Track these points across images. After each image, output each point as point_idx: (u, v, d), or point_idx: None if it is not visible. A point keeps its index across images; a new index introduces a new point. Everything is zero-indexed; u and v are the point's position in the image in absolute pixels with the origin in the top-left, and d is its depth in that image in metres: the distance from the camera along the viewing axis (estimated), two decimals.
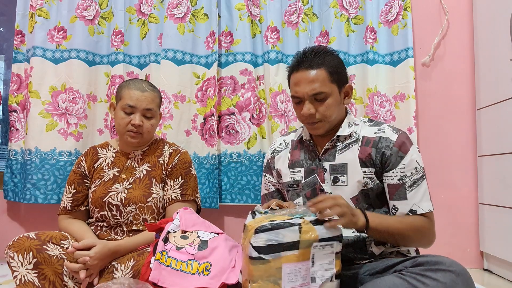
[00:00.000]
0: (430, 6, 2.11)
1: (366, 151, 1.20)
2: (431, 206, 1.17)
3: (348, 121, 1.27)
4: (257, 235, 0.95)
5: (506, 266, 1.82)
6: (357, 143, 1.23)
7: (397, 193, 1.17)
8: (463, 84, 2.07)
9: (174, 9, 2.04)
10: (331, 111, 1.21)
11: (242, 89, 2.06)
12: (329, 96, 1.20)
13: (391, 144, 1.18)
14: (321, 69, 1.19)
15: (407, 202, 1.15)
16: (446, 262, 0.96)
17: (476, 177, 2.03)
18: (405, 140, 1.19)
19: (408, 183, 1.16)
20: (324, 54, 1.22)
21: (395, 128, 1.23)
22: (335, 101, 1.22)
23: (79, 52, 2.03)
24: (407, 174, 1.16)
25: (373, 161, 1.19)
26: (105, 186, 1.46)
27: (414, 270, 0.97)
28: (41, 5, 2.00)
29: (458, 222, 2.03)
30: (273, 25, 2.06)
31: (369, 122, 1.29)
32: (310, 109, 1.20)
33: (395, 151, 1.17)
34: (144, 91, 1.46)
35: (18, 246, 1.22)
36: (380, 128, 1.23)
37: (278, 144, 1.42)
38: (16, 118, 2.04)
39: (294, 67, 1.25)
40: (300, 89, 1.21)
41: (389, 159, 1.17)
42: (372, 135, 1.22)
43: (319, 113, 1.20)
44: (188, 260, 1.11)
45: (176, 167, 1.50)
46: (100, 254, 1.25)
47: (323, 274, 0.98)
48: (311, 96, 1.20)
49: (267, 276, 0.95)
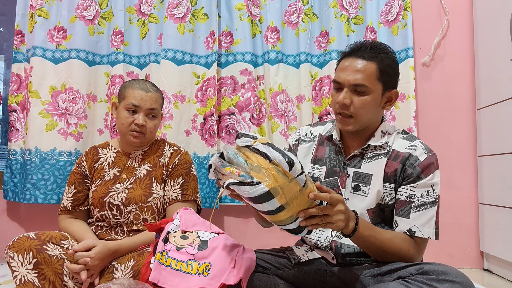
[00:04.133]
0: (430, 6, 2.11)
1: (393, 166, 1.15)
2: (432, 234, 1.12)
3: (382, 130, 1.20)
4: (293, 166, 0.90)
5: (506, 266, 1.82)
6: (387, 156, 1.17)
7: (401, 209, 1.13)
8: (463, 84, 2.08)
9: (174, 9, 2.04)
10: (367, 110, 1.14)
11: (242, 89, 2.06)
12: (370, 92, 1.13)
13: (416, 163, 1.13)
14: (372, 63, 1.13)
15: (408, 221, 1.12)
16: (453, 273, 0.95)
17: (476, 177, 2.03)
18: (431, 163, 1.14)
19: (416, 203, 1.12)
20: (381, 50, 1.15)
21: (427, 148, 1.17)
22: (374, 100, 1.14)
23: (79, 52, 2.03)
24: (416, 194, 1.13)
25: (397, 178, 1.15)
26: (106, 186, 1.46)
27: (420, 279, 0.95)
28: (41, 5, 2.00)
29: (458, 222, 2.03)
30: (273, 25, 2.06)
31: (403, 134, 1.22)
32: (346, 99, 1.13)
33: (418, 172, 1.13)
34: (148, 91, 1.46)
35: (18, 246, 1.22)
36: (413, 145, 1.17)
37: (304, 134, 1.33)
38: (16, 118, 2.04)
39: (346, 53, 1.18)
40: (343, 75, 1.14)
41: (408, 176, 1.14)
42: (403, 150, 1.17)
43: (354, 106, 1.13)
44: (188, 261, 1.11)
45: (176, 167, 1.50)
46: (100, 255, 1.25)
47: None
48: (351, 86, 1.13)
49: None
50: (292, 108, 2.04)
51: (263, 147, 0.92)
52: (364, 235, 1.05)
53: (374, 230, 1.09)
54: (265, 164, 0.91)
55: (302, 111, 2.03)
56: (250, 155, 0.94)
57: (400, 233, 1.12)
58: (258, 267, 1.19)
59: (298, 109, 2.04)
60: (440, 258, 1.98)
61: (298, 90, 2.05)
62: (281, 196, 0.91)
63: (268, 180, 0.90)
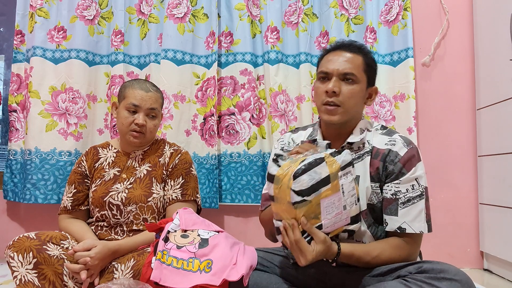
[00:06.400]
0: (430, 6, 2.11)
1: (375, 165, 1.15)
2: (424, 227, 1.11)
3: (361, 127, 1.20)
4: (297, 179, 0.99)
5: (506, 266, 1.82)
6: (369, 154, 1.17)
7: (389, 207, 1.13)
8: (463, 84, 2.08)
9: (174, 9, 2.04)
10: (354, 99, 1.15)
11: (242, 89, 2.06)
12: (357, 82, 1.15)
13: (396, 159, 1.12)
14: (359, 55, 1.17)
15: (397, 219, 1.11)
16: (452, 270, 0.96)
17: (476, 177, 2.03)
18: (412, 157, 1.12)
19: (402, 200, 1.11)
20: (364, 48, 1.20)
21: (407, 141, 1.16)
22: (361, 91, 1.16)
23: (79, 52, 2.03)
24: (401, 190, 1.11)
25: (380, 176, 1.15)
26: (106, 185, 1.46)
27: (419, 277, 0.96)
28: (41, 5, 2.00)
29: (458, 222, 2.03)
30: (273, 25, 2.06)
31: (381, 129, 1.22)
32: (335, 87, 1.13)
33: (399, 167, 1.12)
34: (148, 91, 1.47)
35: (18, 246, 1.22)
36: (392, 139, 1.16)
37: (287, 143, 1.33)
38: (16, 118, 2.04)
39: (331, 48, 1.21)
40: (332, 65, 1.15)
41: (390, 173, 1.13)
42: (383, 146, 1.16)
43: (342, 95, 1.13)
44: (189, 258, 1.11)
45: (176, 167, 1.50)
46: (100, 254, 1.25)
47: (351, 201, 1.06)
48: (341, 75, 1.14)
49: (308, 214, 1.01)
50: (292, 108, 2.04)
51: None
52: (349, 260, 1.08)
53: (357, 253, 1.08)
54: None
55: (302, 111, 2.03)
56: None
57: (387, 241, 1.11)
58: (259, 265, 1.20)
59: (298, 109, 2.04)
60: (440, 258, 1.96)
61: (298, 90, 2.05)
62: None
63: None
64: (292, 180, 0.99)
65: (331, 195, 1.02)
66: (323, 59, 1.21)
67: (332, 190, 1.02)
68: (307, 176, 0.99)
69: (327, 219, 1.03)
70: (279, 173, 1.03)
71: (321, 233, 1.02)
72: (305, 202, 0.99)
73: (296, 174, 0.99)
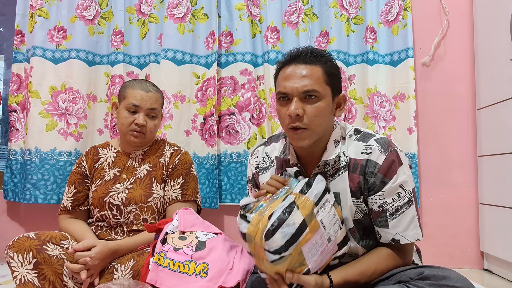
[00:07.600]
0: (430, 6, 2.11)
1: (355, 180, 1.07)
2: (418, 234, 1.06)
3: (334, 138, 1.10)
4: (270, 239, 0.91)
5: (506, 266, 1.82)
6: (346, 168, 1.08)
7: (379, 220, 1.07)
8: (463, 84, 2.07)
9: (174, 9, 2.04)
10: (321, 118, 1.04)
11: (242, 89, 2.06)
12: (321, 98, 1.04)
13: (375, 170, 1.05)
14: (317, 66, 1.04)
15: (389, 231, 1.05)
16: (453, 277, 0.94)
17: (476, 177, 2.03)
18: (391, 163, 1.04)
19: (390, 211, 1.05)
20: (322, 53, 1.08)
21: (383, 145, 1.06)
22: (327, 106, 1.05)
23: (79, 52, 2.03)
24: (387, 201, 1.05)
25: (362, 190, 1.07)
26: (106, 186, 1.46)
27: (420, 284, 0.94)
28: (41, 5, 2.00)
29: (458, 222, 2.03)
30: (273, 25, 2.06)
31: (355, 134, 1.12)
32: (298, 109, 1.02)
33: (380, 178, 1.04)
34: (148, 91, 1.47)
35: (18, 246, 1.22)
36: (367, 146, 1.07)
37: (261, 158, 1.25)
38: (16, 118, 2.04)
39: (285, 61, 1.08)
40: (290, 84, 1.04)
41: (372, 185, 1.06)
42: (359, 156, 1.07)
43: (307, 116, 1.03)
44: (186, 261, 1.11)
45: (176, 168, 1.50)
46: (100, 254, 1.25)
47: (334, 229, 1.00)
48: (301, 94, 1.03)
49: (292, 265, 0.95)
50: None
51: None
52: (346, 286, 1.01)
53: (352, 277, 1.02)
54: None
55: None
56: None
57: (380, 253, 1.07)
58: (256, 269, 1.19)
59: None
60: (440, 258, 1.99)
61: None
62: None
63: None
64: (265, 241, 0.91)
65: (312, 237, 0.94)
66: (279, 76, 1.09)
67: (311, 232, 0.94)
68: (280, 234, 0.91)
69: (313, 261, 0.96)
70: (249, 230, 0.95)
71: (310, 278, 0.96)
72: (284, 257, 0.92)
73: (267, 234, 0.91)
